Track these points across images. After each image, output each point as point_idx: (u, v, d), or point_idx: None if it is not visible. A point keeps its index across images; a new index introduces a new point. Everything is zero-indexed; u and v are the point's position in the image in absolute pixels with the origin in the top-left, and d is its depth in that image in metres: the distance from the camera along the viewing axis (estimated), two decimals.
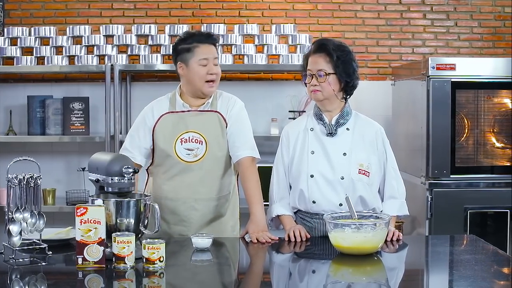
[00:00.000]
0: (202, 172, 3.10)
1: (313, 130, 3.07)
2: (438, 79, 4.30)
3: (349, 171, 2.98)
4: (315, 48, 3.02)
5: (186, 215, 3.11)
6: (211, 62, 3.09)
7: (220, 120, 3.15)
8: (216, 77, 3.10)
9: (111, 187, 2.65)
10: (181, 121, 3.12)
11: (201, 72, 3.07)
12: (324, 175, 2.99)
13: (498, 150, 4.52)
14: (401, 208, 3.09)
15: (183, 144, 3.10)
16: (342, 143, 3.02)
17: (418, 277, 2.60)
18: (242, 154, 3.12)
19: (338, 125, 3.04)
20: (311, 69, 3.00)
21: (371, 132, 3.08)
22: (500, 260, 2.68)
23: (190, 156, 3.09)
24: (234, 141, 3.14)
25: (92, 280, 2.39)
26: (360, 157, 3.01)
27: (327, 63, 2.97)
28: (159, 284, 2.38)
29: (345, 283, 2.45)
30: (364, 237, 2.64)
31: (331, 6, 5.08)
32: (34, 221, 2.61)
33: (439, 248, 2.99)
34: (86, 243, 2.46)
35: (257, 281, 2.54)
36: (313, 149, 3.03)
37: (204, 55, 3.08)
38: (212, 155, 3.11)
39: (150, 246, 2.45)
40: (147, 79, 5.04)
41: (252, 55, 4.66)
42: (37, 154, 4.94)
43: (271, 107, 4.97)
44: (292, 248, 2.87)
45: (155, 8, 5.06)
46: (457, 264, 2.71)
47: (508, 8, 5.14)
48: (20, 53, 4.73)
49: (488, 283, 2.38)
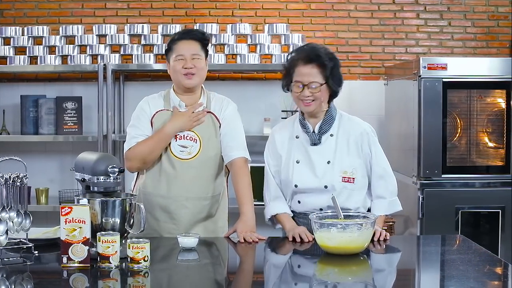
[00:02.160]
0: (194, 171, 3.11)
1: (298, 138, 3.07)
2: (429, 79, 4.30)
3: (333, 180, 2.99)
4: (306, 59, 2.93)
5: (176, 213, 3.12)
6: (188, 58, 3.09)
7: (214, 121, 3.17)
8: (195, 71, 3.10)
9: (96, 186, 2.65)
10: None
11: (176, 66, 3.11)
12: (308, 184, 3.01)
13: (490, 150, 4.52)
14: (390, 206, 3.08)
15: (178, 140, 3.11)
16: (326, 151, 3.02)
17: (404, 277, 2.59)
18: (236, 154, 3.14)
19: (321, 132, 3.02)
20: (301, 80, 2.93)
21: (355, 134, 3.05)
22: (485, 260, 2.68)
23: (184, 153, 3.11)
24: (228, 142, 3.15)
25: (77, 280, 2.39)
26: (344, 164, 3.00)
27: (319, 74, 2.93)
28: (143, 283, 2.39)
29: (331, 283, 2.45)
30: (349, 237, 2.64)
31: (324, 6, 5.08)
32: (20, 220, 2.61)
33: (427, 248, 3.00)
34: (71, 243, 2.46)
35: (248, 281, 2.55)
36: (299, 158, 3.04)
37: (179, 52, 3.10)
38: (205, 154, 3.13)
39: (134, 245, 2.45)
40: (141, 79, 5.04)
41: (244, 55, 4.66)
42: (31, 154, 4.96)
43: (264, 107, 4.98)
44: (292, 248, 2.86)
45: (149, 7, 5.06)
46: (443, 264, 2.71)
47: (501, 8, 5.14)
48: (13, 53, 4.73)
49: (472, 283, 2.37)
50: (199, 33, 3.18)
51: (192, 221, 3.14)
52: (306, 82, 2.93)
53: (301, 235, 2.90)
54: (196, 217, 3.15)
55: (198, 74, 3.12)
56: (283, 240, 3.01)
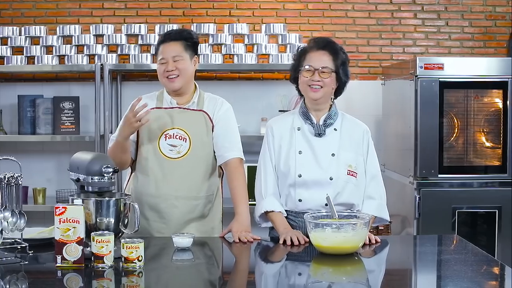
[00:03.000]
0: (184, 170, 3.10)
1: (300, 130, 3.04)
2: (426, 78, 4.30)
3: (338, 172, 2.97)
4: (319, 45, 2.96)
5: (166, 212, 3.11)
6: (169, 60, 3.08)
7: (206, 120, 3.16)
8: (177, 72, 3.09)
9: (91, 186, 2.65)
10: (167, 116, 3.14)
11: (159, 70, 3.13)
12: (313, 175, 2.97)
13: (487, 149, 4.52)
14: (379, 209, 3.02)
15: (167, 140, 3.11)
16: (331, 144, 3.01)
17: (397, 277, 2.60)
18: (231, 155, 3.14)
19: (326, 125, 3.02)
20: (313, 64, 2.94)
21: (358, 133, 3.06)
22: (480, 260, 2.68)
23: (173, 152, 3.10)
24: (223, 142, 3.15)
25: (71, 279, 2.39)
26: (349, 158, 2.99)
27: (331, 61, 2.94)
28: (137, 283, 2.39)
29: (326, 283, 2.45)
30: (344, 237, 2.64)
31: (321, 6, 5.09)
32: (15, 220, 2.62)
33: (421, 248, 2.99)
34: (65, 242, 2.46)
35: (243, 281, 2.55)
36: (301, 149, 3.01)
37: (161, 55, 3.11)
38: (195, 154, 3.12)
39: (128, 245, 2.45)
40: (138, 79, 5.05)
41: (242, 55, 4.67)
42: (28, 154, 4.97)
43: (261, 107, 4.97)
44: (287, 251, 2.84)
45: (146, 7, 5.06)
46: (437, 264, 2.71)
47: (499, 7, 5.14)
48: (10, 53, 4.74)
49: (466, 283, 2.37)
50: (181, 33, 3.16)
51: (183, 221, 3.12)
52: (318, 66, 2.93)
53: (298, 238, 2.85)
54: (187, 216, 3.13)
55: (182, 76, 3.11)
56: (278, 241, 2.96)
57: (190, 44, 3.14)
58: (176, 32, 3.19)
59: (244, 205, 3.07)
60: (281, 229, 2.95)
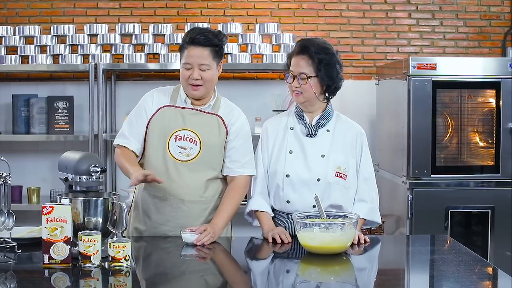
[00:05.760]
0: (192, 173, 3.01)
1: (293, 129, 3.05)
2: (418, 78, 4.31)
3: (326, 173, 2.97)
4: (298, 49, 2.97)
5: (172, 215, 3.02)
6: (195, 67, 2.93)
7: (220, 125, 3.05)
8: (201, 82, 2.95)
9: (79, 185, 2.65)
10: (180, 117, 3.02)
11: (183, 74, 2.97)
12: (300, 175, 2.97)
13: (481, 149, 4.52)
14: (371, 212, 3.02)
15: (177, 141, 3.00)
16: (321, 145, 3.01)
17: (385, 276, 2.60)
18: (244, 172, 3.04)
19: (318, 126, 3.02)
20: (293, 70, 2.97)
21: (351, 134, 3.05)
22: (468, 261, 2.68)
23: (183, 154, 3.00)
24: (240, 158, 3.04)
25: (58, 279, 2.39)
26: (338, 160, 2.99)
27: (308, 66, 2.93)
28: (124, 282, 2.39)
29: (314, 283, 2.45)
30: (332, 236, 2.64)
31: (316, 6, 5.09)
32: (4, 219, 2.62)
33: (411, 248, 3.00)
34: (52, 242, 2.46)
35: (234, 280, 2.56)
36: (292, 149, 3.02)
37: (186, 59, 2.94)
38: (204, 157, 3.01)
39: (115, 244, 2.46)
40: (132, 78, 5.05)
41: (236, 55, 4.67)
42: (22, 153, 4.97)
43: (255, 107, 4.97)
44: (272, 249, 2.84)
45: (140, 7, 5.07)
46: (427, 264, 2.70)
47: (493, 7, 5.14)
48: (4, 52, 4.74)
49: (452, 283, 2.38)
50: (211, 38, 2.93)
51: (189, 225, 2.97)
52: (296, 73, 2.95)
53: (280, 236, 2.88)
54: (193, 220, 3.02)
55: (205, 86, 2.96)
56: (264, 241, 2.96)
57: (219, 50, 2.98)
58: (206, 36, 2.93)
59: (223, 220, 2.96)
60: (266, 227, 2.98)
